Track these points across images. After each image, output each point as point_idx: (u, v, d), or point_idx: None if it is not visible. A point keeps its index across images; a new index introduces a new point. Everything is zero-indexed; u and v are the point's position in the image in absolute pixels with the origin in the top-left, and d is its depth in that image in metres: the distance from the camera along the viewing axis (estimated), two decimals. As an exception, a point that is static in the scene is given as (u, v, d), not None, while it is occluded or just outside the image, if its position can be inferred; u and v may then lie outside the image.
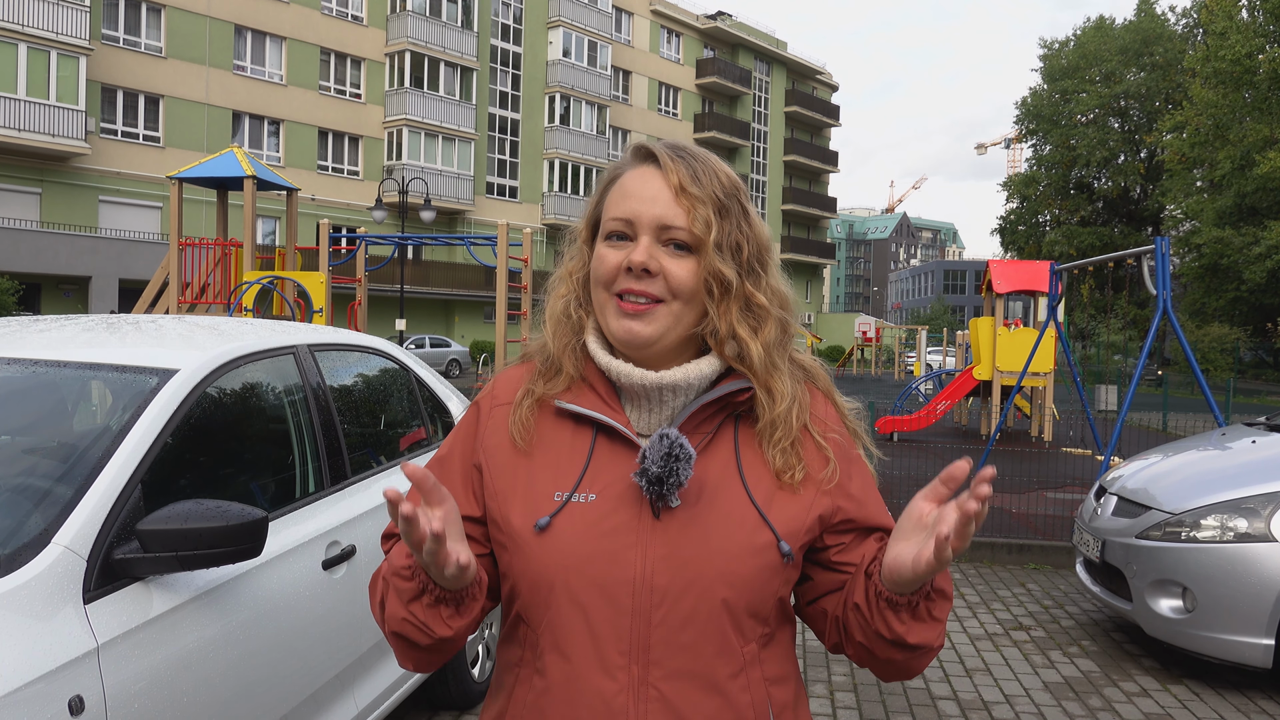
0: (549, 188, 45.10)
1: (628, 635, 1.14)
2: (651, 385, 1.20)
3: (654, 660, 1.14)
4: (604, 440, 1.21)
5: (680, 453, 1.13)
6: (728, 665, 1.16)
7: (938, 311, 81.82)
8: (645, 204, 1.19)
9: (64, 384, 2.62)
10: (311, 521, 2.89)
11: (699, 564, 1.14)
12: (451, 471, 1.29)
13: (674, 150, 1.22)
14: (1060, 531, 7.68)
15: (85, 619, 1.98)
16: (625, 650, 1.14)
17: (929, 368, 35.73)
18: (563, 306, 1.28)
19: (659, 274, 1.18)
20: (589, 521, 1.16)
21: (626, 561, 1.14)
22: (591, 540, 1.15)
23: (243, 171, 14.09)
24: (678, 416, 1.21)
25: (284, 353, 3.13)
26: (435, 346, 33.05)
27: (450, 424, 4.23)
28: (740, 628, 1.16)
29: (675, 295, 1.18)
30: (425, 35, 38.91)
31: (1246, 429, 5.92)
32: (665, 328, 1.19)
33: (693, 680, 1.14)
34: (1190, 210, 42.75)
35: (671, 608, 1.14)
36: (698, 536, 1.15)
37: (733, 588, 1.14)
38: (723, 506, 1.17)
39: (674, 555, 1.14)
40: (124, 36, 31.54)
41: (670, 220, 1.18)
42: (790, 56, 60.62)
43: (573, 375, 1.25)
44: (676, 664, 1.14)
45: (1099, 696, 4.57)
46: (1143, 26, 52.89)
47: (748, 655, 1.17)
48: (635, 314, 1.18)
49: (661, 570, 1.14)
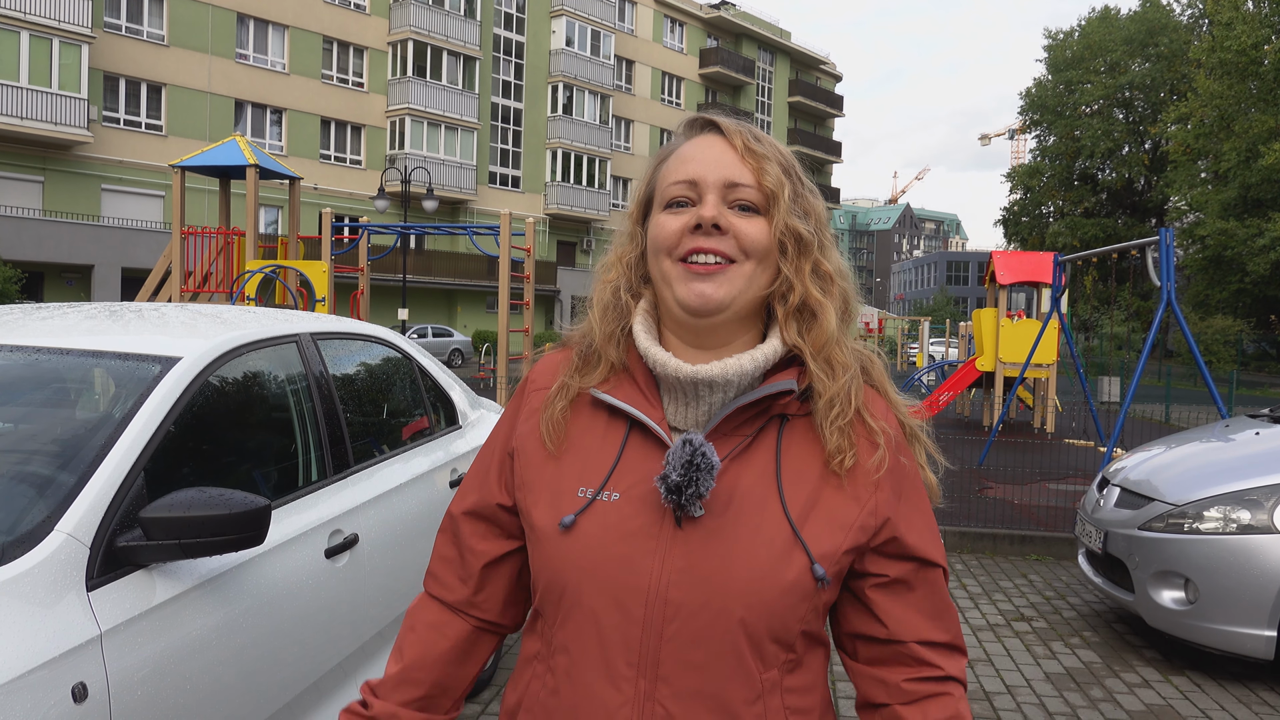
0: (551, 177, 45.03)
1: (637, 647, 1.07)
2: (686, 379, 1.12)
3: (663, 676, 1.07)
4: (637, 435, 1.15)
5: (702, 462, 1.05)
6: (743, 691, 1.07)
7: (940, 303, 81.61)
8: (710, 165, 1.13)
9: (67, 371, 2.62)
10: (314, 510, 2.88)
11: (718, 581, 1.06)
12: (491, 457, 1.28)
13: (727, 115, 1.17)
14: (1062, 523, 7.68)
15: (88, 606, 1.98)
16: (634, 662, 1.08)
17: (931, 359, 35.70)
18: (610, 292, 1.21)
19: (729, 232, 1.10)
20: (610, 523, 1.10)
21: (643, 569, 1.08)
22: (611, 543, 1.09)
23: (245, 160, 14.06)
24: (714, 417, 1.13)
25: (287, 341, 3.12)
26: (438, 336, 33.03)
27: (453, 414, 4.24)
28: (760, 653, 1.07)
29: (748, 254, 1.11)
30: (428, 24, 38.80)
31: (1250, 421, 5.91)
32: (738, 290, 1.11)
33: (703, 702, 1.07)
34: (1194, 202, 42.62)
35: (685, 623, 1.06)
36: (720, 552, 1.07)
37: (753, 610, 1.06)
38: (752, 520, 1.08)
39: (693, 569, 1.07)
40: (126, 25, 31.47)
41: (737, 178, 1.12)
42: (794, 46, 60.42)
43: (614, 364, 1.19)
44: (687, 683, 1.07)
45: (1100, 687, 4.58)
46: (1148, 17, 52.68)
47: (767, 682, 1.08)
48: (706, 274, 1.10)
49: (678, 583, 1.07)
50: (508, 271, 13.56)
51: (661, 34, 51.46)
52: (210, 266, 14.43)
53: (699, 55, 53.38)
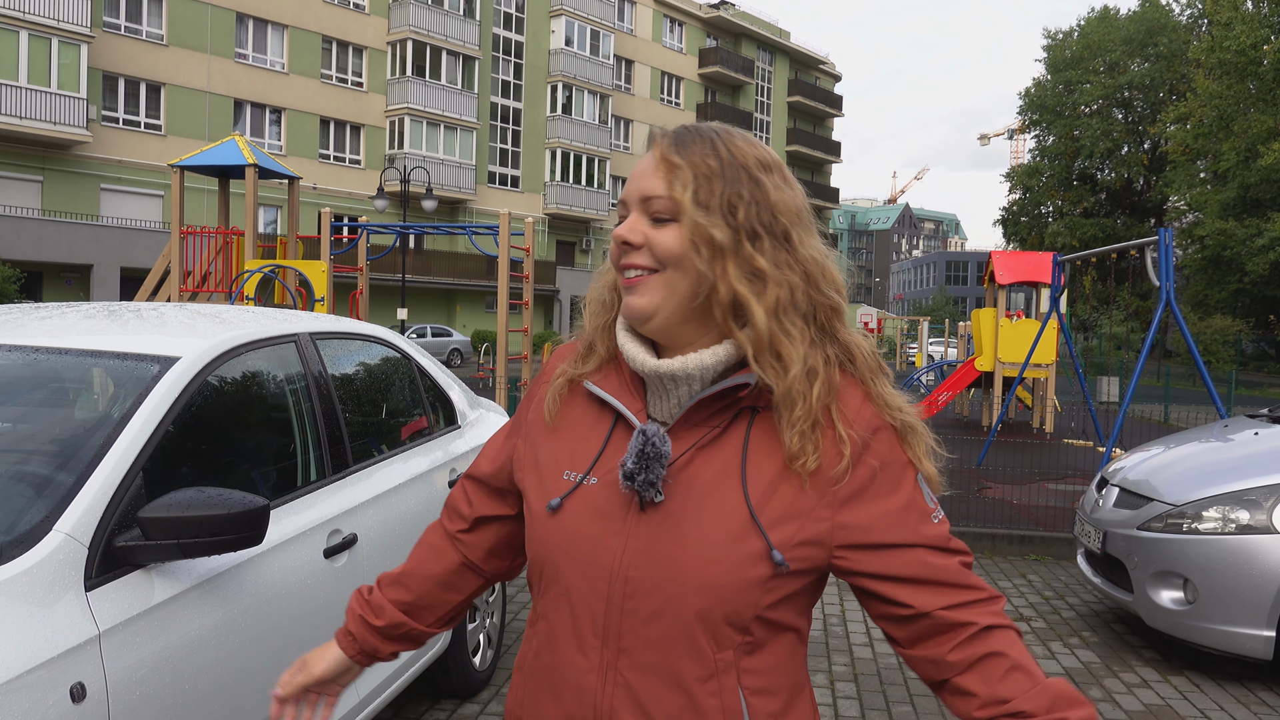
0: (551, 177, 45.02)
1: (602, 620, 1.16)
2: (650, 373, 1.19)
3: (624, 648, 1.15)
4: (621, 425, 1.22)
5: (652, 451, 1.13)
6: (696, 669, 1.13)
7: (939, 302, 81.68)
8: (632, 182, 1.19)
9: (65, 371, 2.62)
10: (313, 510, 2.88)
11: (672, 564, 1.13)
12: (501, 436, 1.44)
13: (676, 129, 1.20)
14: (1061, 523, 7.68)
15: (87, 606, 1.98)
16: (599, 634, 1.16)
17: (931, 359, 35.71)
18: (602, 288, 1.30)
19: (643, 245, 1.16)
20: (588, 505, 1.19)
21: (608, 549, 1.16)
22: (586, 523, 1.18)
23: (244, 160, 14.05)
24: (681, 408, 1.19)
25: (286, 341, 3.12)
26: (437, 336, 33.03)
27: (452, 414, 4.24)
28: (714, 634, 1.12)
29: (664, 263, 1.15)
30: (427, 23, 38.80)
31: (1249, 421, 5.91)
32: (659, 298, 1.16)
33: (660, 675, 1.14)
34: (1194, 202, 42.64)
35: (642, 601, 1.14)
36: (676, 535, 1.13)
37: (705, 594, 1.11)
38: (710, 507, 1.13)
39: (651, 550, 1.14)
40: (125, 24, 31.46)
41: (651, 190, 1.16)
42: (793, 46, 60.43)
43: (603, 356, 1.28)
44: (644, 657, 1.14)
45: (1100, 687, 4.58)
46: (1147, 17, 52.70)
47: (721, 662, 1.13)
48: (631, 287, 1.17)
49: (636, 563, 1.14)
50: (507, 271, 13.57)
51: (661, 34, 51.46)
52: (209, 266, 14.42)
53: (698, 55, 53.38)
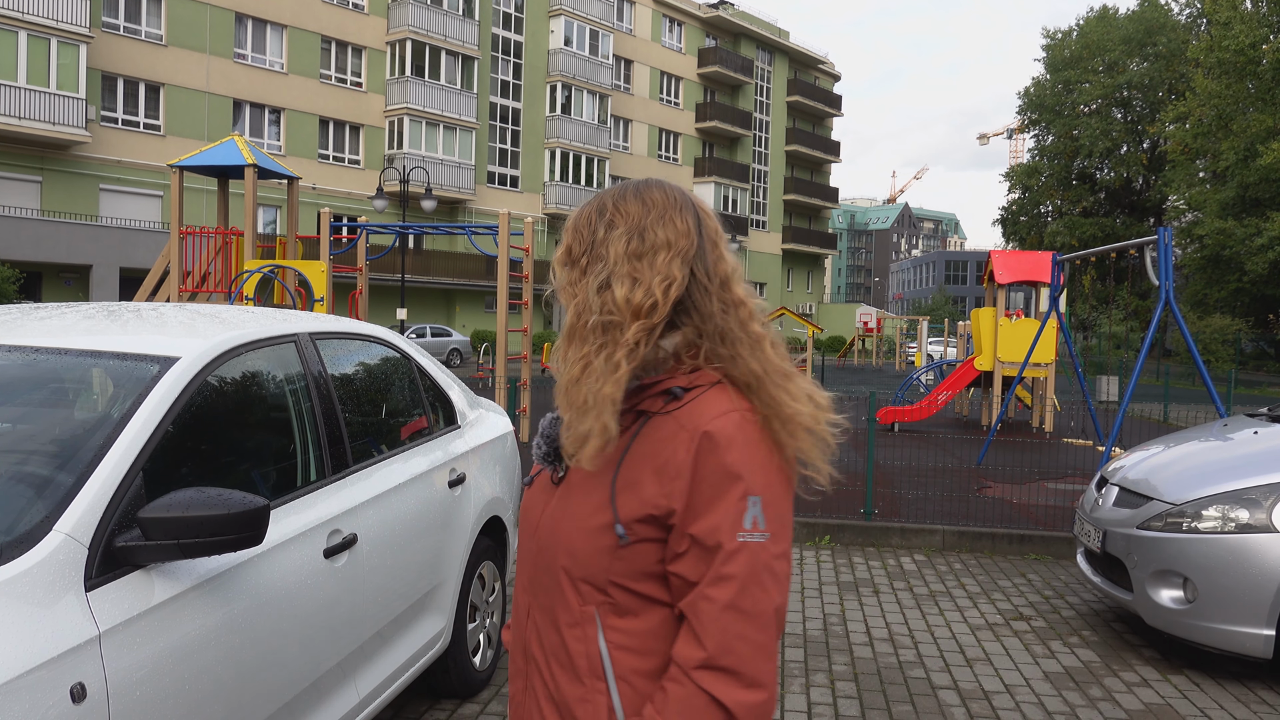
0: (550, 177, 45.02)
1: (529, 570, 1.46)
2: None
3: (535, 592, 1.44)
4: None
5: (545, 430, 1.45)
6: (565, 615, 1.38)
7: (939, 302, 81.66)
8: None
9: (65, 371, 2.62)
10: (313, 510, 2.89)
11: (555, 527, 1.40)
12: None
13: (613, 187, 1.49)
14: (1061, 522, 7.69)
15: (87, 607, 1.98)
16: (526, 580, 1.47)
17: (930, 358, 35.72)
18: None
19: None
20: (540, 481, 1.49)
21: (534, 513, 1.46)
22: (533, 494, 1.49)
23: (243, 160, 14.04)
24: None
25: (285, 341, 3.12)
26: (436, 336, 33.00)
27: (452, 414, 4.24)
28: (578, 590, 1.37)
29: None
30: (426, 23, 38.78)
31: (1248, 420, 5.91)
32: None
33: (547, 617, 1.41)
34: (1193, 201, 42.65)
35: (540, 556, 1.42)
36: (564, 505, 1.41)
37: (569, 556, 1.37)
38: (587, 484, 1.38)
39: (551, 515, 1.42)
40: (124, 24, 31.44)
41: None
42: (792, 46, 60.42)
43: None
44: (542, 601, 1.42)
45: (1099, 686, 4.58)
46: (1146, 16, 52.73)
47: (584, 614, 1.36)
48: None
49: (544, 526, 1.43)
50: (506, 271, 13.55)
51: (660, 33, 51.45)
52: (208, 266, 14.41)
53: (697, 55, 53.38)
